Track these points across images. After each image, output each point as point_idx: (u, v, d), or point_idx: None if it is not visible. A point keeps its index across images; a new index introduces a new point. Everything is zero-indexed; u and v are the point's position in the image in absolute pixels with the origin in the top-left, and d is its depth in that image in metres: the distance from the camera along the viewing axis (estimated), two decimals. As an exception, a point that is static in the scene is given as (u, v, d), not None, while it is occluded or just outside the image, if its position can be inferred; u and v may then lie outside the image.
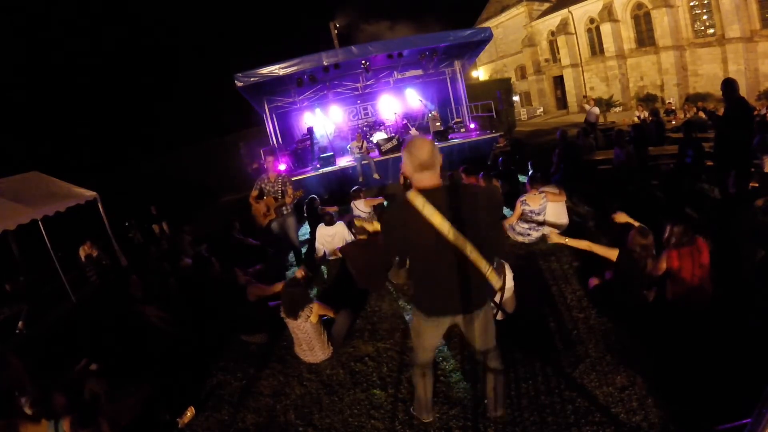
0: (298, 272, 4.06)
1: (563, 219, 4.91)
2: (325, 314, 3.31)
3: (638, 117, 12.03)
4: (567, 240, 3.43)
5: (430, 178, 1.78)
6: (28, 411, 2.62)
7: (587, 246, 3.33)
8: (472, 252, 1.79)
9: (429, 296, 1.96)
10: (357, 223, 2.26)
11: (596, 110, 11.37)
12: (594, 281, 3.48)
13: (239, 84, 8.74)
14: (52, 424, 2.45)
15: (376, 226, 2.18)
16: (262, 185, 4.98)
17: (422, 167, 1.76)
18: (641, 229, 3.11)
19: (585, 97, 15.34)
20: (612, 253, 3.18)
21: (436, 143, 10.41)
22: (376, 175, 9.55)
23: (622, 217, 3.51)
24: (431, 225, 1.74)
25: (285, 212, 5.02)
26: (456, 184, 1.84)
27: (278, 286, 3.90)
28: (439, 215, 1.73)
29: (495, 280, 1.89)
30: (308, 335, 3.21)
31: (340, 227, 5.22)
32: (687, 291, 2.93)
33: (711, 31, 18.17)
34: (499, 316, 3.12)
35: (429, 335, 2.08)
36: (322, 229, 5.33)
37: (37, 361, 4.08)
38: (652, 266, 3.05)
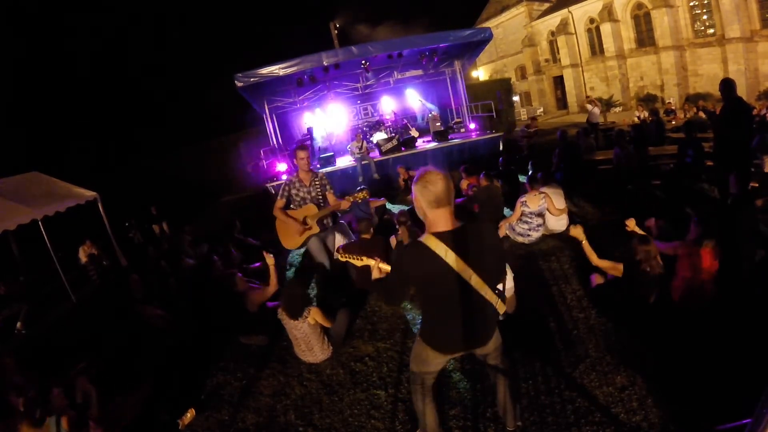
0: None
1: (563, 220, 4.91)
2: (322, 323, 3.27)
3: (638, 117, 12.03)
4: (584, 240, 3.32)
5: (447, 219, 1.68)
6: (24, 410, 2.62)
7: (594, 259, 3.29)
8: (488, 292, 1.76)
9: (444, 336, 1.88)
10: (340, 257, 2.21)
11: (597, 111, 11.49)
12: (596, 279, 3.47)
13: (239, 84, 8.74)
14: (53, 422, 2.45)
15: (364, 261, 2.14)
16: (292, 191, 3.78)
17: (438, 203, 1.65)
18: (642, 238, 3.10)
19: (588, 97, 15.39)
20: (618, 269, 3.16)
21: (436, 143, 10.36)
22: (375, 175, 9.55)
23: (631, 224, 3.43)
24: (453, 272, 1.67)
25: (327, 225, 3.89)
26: (466, 224, 1.76)
27: (272, 285, 3.88)
28: (462, 261, 1.66)
29: (501, 308, 1.87)
30: (306, 335, 3.21)
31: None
32: (694, 287, 2.95)
33: (711, 31, 18.17)
34: (499, 317, 3.11)
35: (437, 363, 2.01)
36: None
37: (36, 361, 4.08)
38: (663, 251, 3.12)
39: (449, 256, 1.65)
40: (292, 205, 3.81)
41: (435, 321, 1.89)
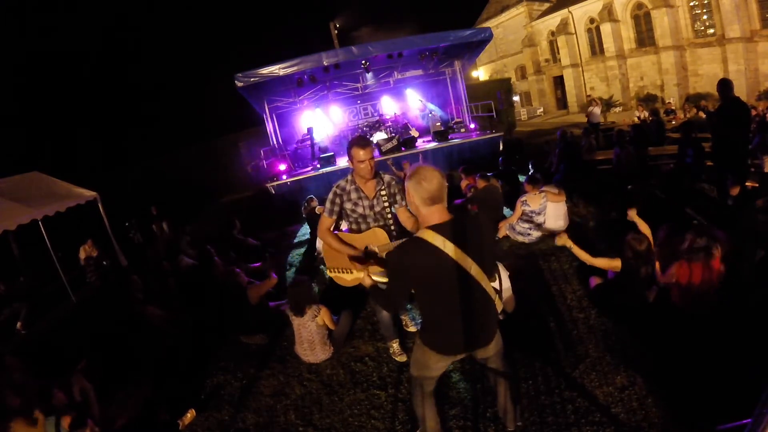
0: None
1: (563, 220, 4.91)
2: (329, 325, 3.29)
3: (638, 117, 12.04)
4: (573, 246, 3.36)
5: (441, 213, 1.67)
6: (21, 410, 2.61)
7: (588, 259, 3.32)
8: (486, 283, 1.74)
9: (448, 336, 1.82)
10: (330, 274, 2.07)
11: (598, 110, 11.53)
12: (595, 281, 3.48)
13: (239, 84, 8.74)
14: (52, 421, 2.45)
15: (356, 276, 2.10)
16: (346, 205, 2.59)
17: (432, 200, 1.65)
18: (636, 237, 3.09)
19: (588, 96, 15.39)
20: (615, 264, 3.15)
21: (436, 143, 10.34)
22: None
23: (633, 213, 3.42)
24: (453, 263, 1.64)
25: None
26: (462, 215, 1.74)
27: (272, 281, 3.91)
28: (460, 251, 1.64)
29: (499, 305, 1.86)
30: (312, 334, 3.22)
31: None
32: (693, 297, 2.92)
33: (711, 31, 18.17)
34: (499, 316, 3.11)
35: (439, 368, 1.97)
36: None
37: (36, 361, 4.07)
38: (659, 270, 3.06)
39: (447, 246, 1.62)
40: (342, 222, 2.72)
41: (436, 320, 1.84)
